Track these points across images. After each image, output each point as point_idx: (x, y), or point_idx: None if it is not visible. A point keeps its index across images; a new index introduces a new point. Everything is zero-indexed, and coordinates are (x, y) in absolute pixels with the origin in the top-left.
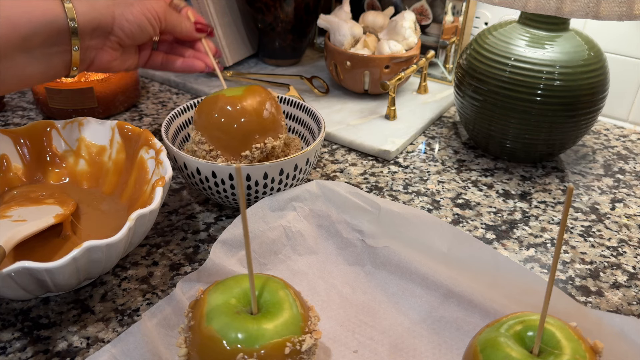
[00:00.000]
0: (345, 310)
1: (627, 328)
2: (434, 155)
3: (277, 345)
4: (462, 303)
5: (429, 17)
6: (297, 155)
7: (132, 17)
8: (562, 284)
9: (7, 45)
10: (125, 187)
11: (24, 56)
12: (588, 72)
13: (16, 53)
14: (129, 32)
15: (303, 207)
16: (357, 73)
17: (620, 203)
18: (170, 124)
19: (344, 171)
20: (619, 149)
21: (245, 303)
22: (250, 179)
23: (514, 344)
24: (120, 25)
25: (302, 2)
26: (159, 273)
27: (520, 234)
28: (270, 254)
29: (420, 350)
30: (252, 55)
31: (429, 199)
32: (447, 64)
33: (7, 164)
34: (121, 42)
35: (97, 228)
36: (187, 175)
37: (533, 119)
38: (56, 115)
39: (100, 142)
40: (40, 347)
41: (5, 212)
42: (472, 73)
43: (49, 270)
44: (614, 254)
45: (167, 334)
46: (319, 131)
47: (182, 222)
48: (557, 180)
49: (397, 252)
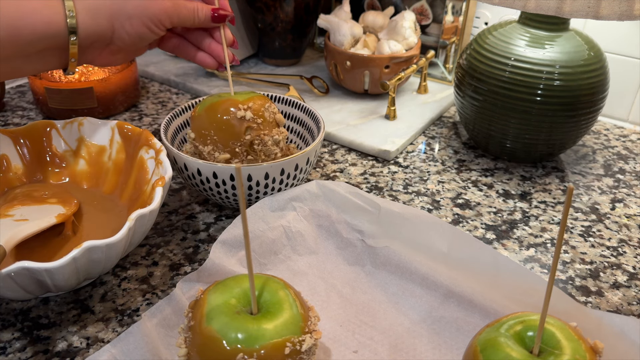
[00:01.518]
0: (345, 310)
1: (627, 328)
2: (434, 155)
3: (277, 345)
4: (462, 303)
5: (429, 17)
6: (298, 155)
7: (131, 29)
8: (562, 284)
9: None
10: (125, 187)
11: (22, 59)
12: (588, 72)
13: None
14: (129, 42)
15: (303, 207)
16: (357, 73)
17: (620, 203)
18: (169, 125)
19: (344, 171)
20: (619, 149)
21: (245, 303)
22: (251, 179)
23: (514, 344)
24: (120, 37)
25: (302, 2)
26: (158, 273)
27: (520, 234)
28: (270, 254)
29: (420, 350)
30: (252, 55)
31: (429, 199)
32: (447, 64)
33: (7, 164)
34: (121, 50)
35: (97, 228)
36: (187, 177)
37: (533, 119)
38: (56, 115)
39: (100, 142)
40: (40, 347)
41: (7, 210)
42: (472, 73)
43: (49, 270)
44: (614, 254)
45: (167, 334)
46: (318, 131)
47: (182, 222)
48: (557, 180)
49: (397, 252)
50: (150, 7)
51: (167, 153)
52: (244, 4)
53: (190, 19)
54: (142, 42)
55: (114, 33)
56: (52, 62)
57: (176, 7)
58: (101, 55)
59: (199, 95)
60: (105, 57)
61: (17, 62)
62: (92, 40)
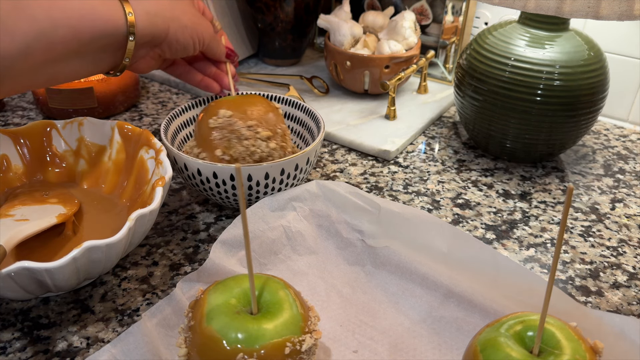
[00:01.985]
0: (345, 310)
1: (627, 328)
2: (434, 155)
3: (277, 345)
4: (462, 303)
5: (429, 17)
6: (298, 155)
7: (182, 39)
8: (562, 284)
9: (65, 51)
10: (125, 187)
11: (78, 60)
12: (588, 72)
13: (72, 57)
14: (175, 50)
15: (303, 207)
16: (357, 73)
17: (620, 203)
18: (169, 125)
19: (344, 171)
20: (619, 149)
21: (245, 303)
22: (251, 179)
23: (514, 344)
24: (169, 43)
25: (302, 2)
26: (159, 273)
27: (520, 234)
28: (270, 254)
29: (420, 350)
30: (252, 55)
31: (429, 199)
32: (447, 64)
33: (7, 164)
34: (162, 55)
35: (97, 228)
36: (187, 177)
37: (533, 119)
38: (56, 115)
39: (100, 142)
40: (40, 347)
41: (8, 210)
42: (472, 73)
43: (49, 270)
44: (614, 254)
45: (167, 334)
46: (318, 131)
47: (182, 222)
48: (557, 180)
49: (397, 252)
50: (201, 25)
51: (167, 153)
52: (244, 4)
53: (215, 49)
54: (183, 53)
55: (167, 36)
56: (107, 61)
57: (215, 36)
58: (146, 58)
59: (199, 96)
60: (148, 61)
61: (74, 61)
62: (146, 39)
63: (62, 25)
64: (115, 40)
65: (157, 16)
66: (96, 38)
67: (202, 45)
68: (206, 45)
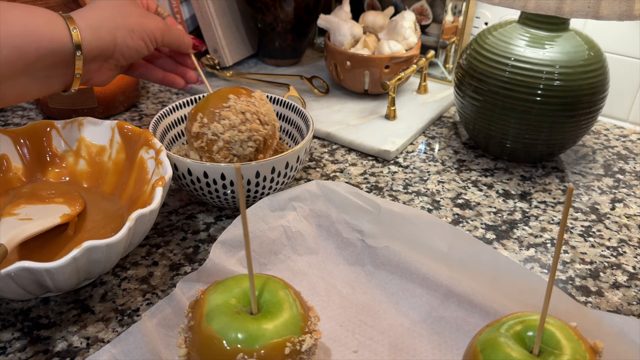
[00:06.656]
0: (345, 310)
1: (627, 328)
2: (434, 155)
3: (277, 345)
4: (462, 303)
5: (429, 17)
6: (288, 153)
7: (132, 43)
8: (562, 284)
9: (11, 70)
10: (125, 187)
11: (26, 78)
12: (588, 72)
13: (19, 76)
14: (128, 56)
15: (303, 207)
16: (357, 73)
17: (620, 203)
18: (158, 124)
19: (344, 171)
20: (619, 149)
21: (245, 303)
22: (242, 178)
23: (514, 344)
24: (121, 51)
25: (302, 2)
26: (158, 273)
27: (520, 234)
28: (270, 254)
29: (420, 350)
30: (252, 55)
31: (429, 199)
32: (447, 64)
33: (7, 164)
34: (118, 64)
35: (97, 228)
36: (177, 177)
37: (533, 119)
38: (56, 115)
39: (100, 142)
40: (40, 347)
41: (12, 209)
42: (472, 73)
43: (49, 270)
44: (614, 254)
45: (167, 334)
46: (307, 129)
47: (182, 222)
48: (557, 180)
49: (397, 252)
50: (148, 24)
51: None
52: (244, 4)
53: (176, 41)
54: (137, 56)
55: (116, 47)
56: (58, 79)
57: (168, 28)
58: (100, 70)
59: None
60: (104, 73)
61: (23, 80)
62: (94, 54)
63: (6, 46)
64: (63, 58)
65: (101, 28)
66: (42, 57)
67: (155, 42)
68: (160, 40)
